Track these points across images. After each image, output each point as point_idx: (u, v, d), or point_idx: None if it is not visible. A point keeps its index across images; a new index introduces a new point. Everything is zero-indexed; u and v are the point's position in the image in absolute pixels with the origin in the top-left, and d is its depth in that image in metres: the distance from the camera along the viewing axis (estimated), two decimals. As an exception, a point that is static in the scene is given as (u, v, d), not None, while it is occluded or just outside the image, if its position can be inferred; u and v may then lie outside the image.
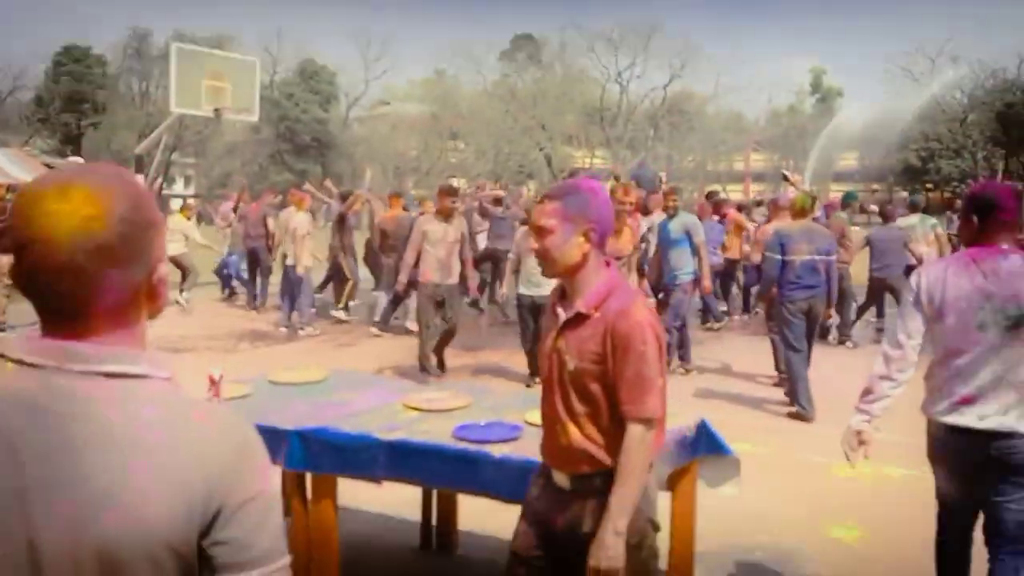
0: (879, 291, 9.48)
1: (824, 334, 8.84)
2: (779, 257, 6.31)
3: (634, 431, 2.05)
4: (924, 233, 9.81)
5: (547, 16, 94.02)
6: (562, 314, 2.17)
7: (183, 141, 44.88)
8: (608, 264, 2.19)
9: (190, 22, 73.25)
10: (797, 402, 6.21)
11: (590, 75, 47.70)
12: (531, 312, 6.72)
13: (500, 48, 51.10)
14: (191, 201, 14.82)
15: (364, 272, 11.20)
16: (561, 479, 2.23)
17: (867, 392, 2.94)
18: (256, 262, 12.26)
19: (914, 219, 10.07)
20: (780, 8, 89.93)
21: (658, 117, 45.47)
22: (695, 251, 7.58)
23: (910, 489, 4.62)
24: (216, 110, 14.42)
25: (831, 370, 7.27)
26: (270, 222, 11.97)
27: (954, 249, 9.51)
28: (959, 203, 11.36)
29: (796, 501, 4.45)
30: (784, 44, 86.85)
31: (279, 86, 49.72)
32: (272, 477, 1.15)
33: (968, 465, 2.76)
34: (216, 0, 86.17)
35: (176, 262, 12.19)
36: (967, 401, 2.70)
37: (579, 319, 2.12)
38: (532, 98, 45.48)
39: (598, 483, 2.13)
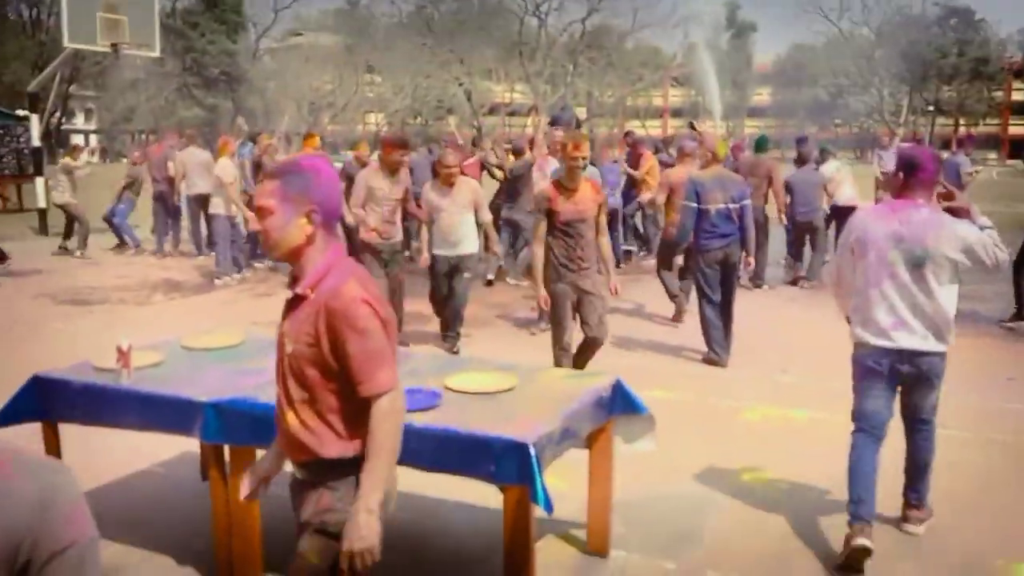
0: (802, 232, 9.76)
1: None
2: (695, 205, 6.40)
3: (377, 408, 1.99)
4: (846, 175, 10.15)
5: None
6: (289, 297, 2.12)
7: (81, 73, 42.51)
8: (337, 246, 2.12)
9: (82, -56, 68.58)
10: (710, 348, 6.40)
11: (508, 7, 46.81)
12: (446, 274, 6.59)
13: (415, -23, 49.52)
14: (79, 143, 14.00)
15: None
16: (293, 467, 2.20)
17: (841, 309, 3.68)
18: (164, 206, 11.89)
19: (834, 164, 10.39)
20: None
21: (577, 52, 45.06)
22: None
23: (816, 431, 4.87)
24: (113, 45, 13.66)
25: (742, 315, 7.49)
26: (170, 165, 11.60)
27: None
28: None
29: (709, 446, 4.62)
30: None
31: (182, 15, 47.29)
32: (88, 523, 1.09)
33: (888, 376, 3.42)
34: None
35: (64, 210, 11.70)
36: (890, 326, 3.35)
37: (298, 301, 2.07)
38: (449, 31, 44.46)
39: (315, 472, 2.10)
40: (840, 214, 9.88)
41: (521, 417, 2.85)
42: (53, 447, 3.39)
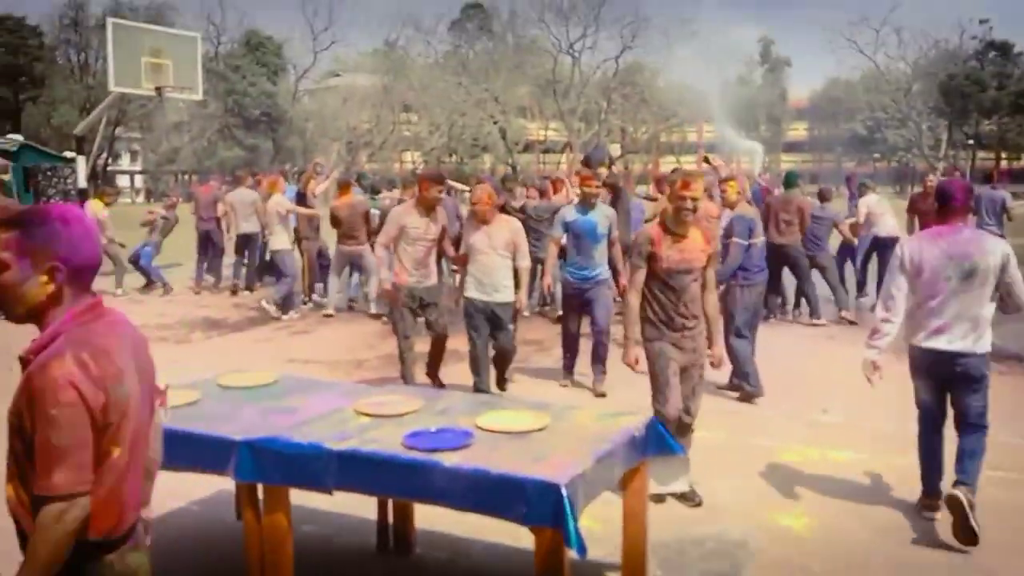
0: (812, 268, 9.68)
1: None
2: (746, 242, 6.37)
3: (43, 513, 1.70)
4: (886, 208, 10.34)
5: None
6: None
7: (127, 116, 43.73)
8: (77, 311, 1.82)
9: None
10: (748, 382, 6.32)
11: (542, 46, 47.41)
12: (484, 320, 5.97)
13: (450, 17, 50.52)
14: (106, 188, 14.25)
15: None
16: None
17: (874, 332, 4.11)
18: (209, 244, 12.19)
19: (874, 197, 10.54)
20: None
21: (611, 89, 45.45)
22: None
23: (856, 472, 4.76)
24: (157, 88, 14.04)
25: (780, 352, 7.41)
26: (219, 206, 11.92)
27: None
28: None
29: (745, 488, 4.54)
30: (732, 14, 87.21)
31: (224, 58, 48.59)
32: None
33: (939, 376, 4.03)
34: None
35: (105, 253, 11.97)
36: (939, 331, 3.94)
37: (24, 363, 1.80)
38: (484, 70, 45.15)
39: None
40: (882, 245, 9.88)
41: (553, 457, 2.82)
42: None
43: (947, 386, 4.06)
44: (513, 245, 5.96)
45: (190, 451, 3.16)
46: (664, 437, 3.33)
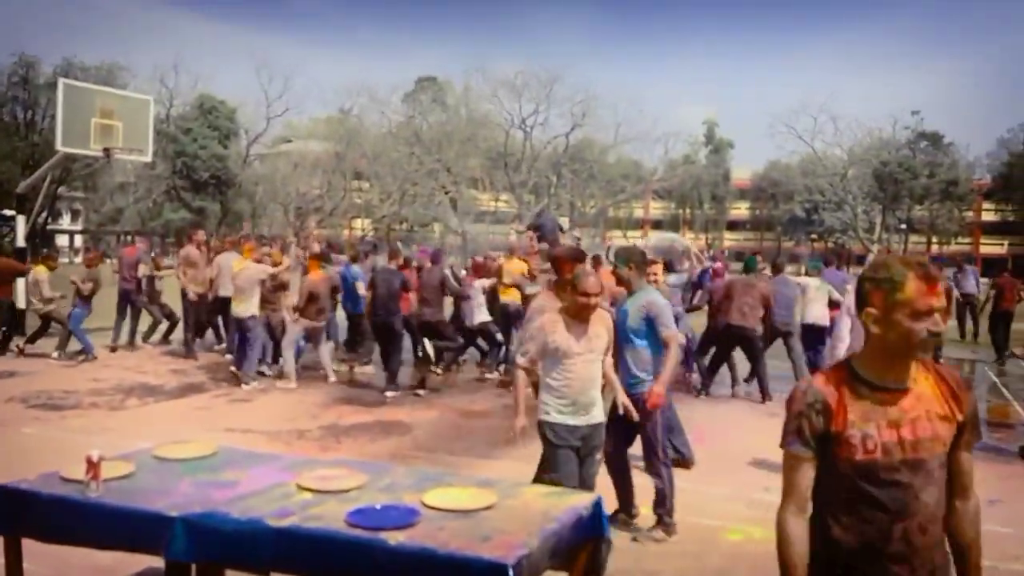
0: (774, 337, 9.81)
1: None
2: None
3: None
4: (820, 295, 10.14)
5: (450, 59, 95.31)
6: None
7: (71, 175, 42.99)
8: None
9: (81, 50, 70.71)
10: (678, 451, 6.33)
11: (494, 120, 48.31)
12: (572, 451, 4.38)
13: (404, 89, 51.28)
14: (51, 253, 14.02)
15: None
16: None
17: None
18: (128, 304, 12.24)
19: (815, 282, 10.32)
20: (675, 62, 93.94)
21: (560, 164, 46.36)
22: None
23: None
24: (106, 150, 13.88)
25: (718, 431, 7.48)
26: (141, 267, 12.21)
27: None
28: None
29: (691, 567, 4.51)
30: (679, 96, 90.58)
31: (175, 120, 48.40)
32: None
33: None
34: (109, 29, 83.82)
35: (47, 316, 11.62)
36: None
37: None
38: (437, 141, 45.70)
39: None
40: (808, 331, 9.94)
41: (500, 536, 2.78)
42: (14, 563, 3.26)
43: None
44: (608, 346, 4.46)
45: (121, 528, 3.05)
46: (604, 519, 3.31)
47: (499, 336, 10.73)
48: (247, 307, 9.77)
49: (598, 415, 4.41)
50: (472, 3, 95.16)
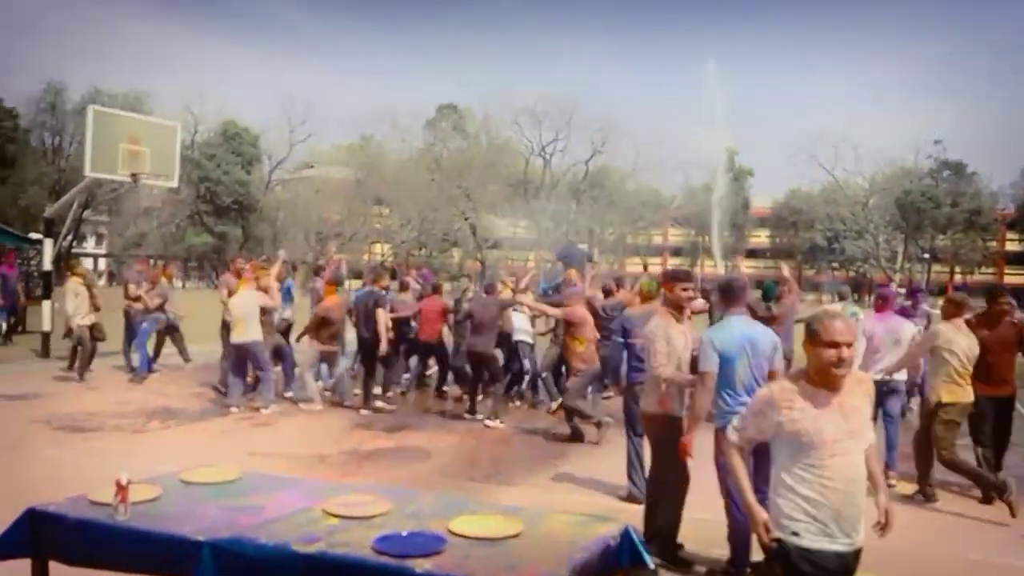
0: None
1: None
2: (621, 340, 6.43)
3: None
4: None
5: (470, 87, 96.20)
6: None
7: (96, 199, 43.61)
8: None
9: (108, 77, 72.08)
10: (636, 484, 6.25)
11: (514, 147, 48.64)
12: None
13: (425, 117, 51.78)
14: (83, 263, 14.24)
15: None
16: None
17: None
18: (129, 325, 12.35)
19: (838, 306, 10.27)
20: (694, 90, 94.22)
21: (580, 191, 46.53)
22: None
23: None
24: (133, 175, 14.09)
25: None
26: (131, 288, 12.25)
27: None
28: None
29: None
30: (699, 123, 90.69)
31: (200, 147, 49.08)
32: None
33: None
34: (136, 57, 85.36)
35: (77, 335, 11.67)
36: None
37: None
38: (457, 168, 46.06)
39: None
40: None
41: (527, 566, 2.75)
42: (40, 585, 3.27)
43: None
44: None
45: (149, 552, 3.05)
46: (638, 547, 3.27)
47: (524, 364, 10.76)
48: (247, 333, 9.58)
49: (861, 534, 3.06)
50: (492, 31, 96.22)
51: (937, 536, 5.70)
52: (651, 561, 3.27)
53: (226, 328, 11.64)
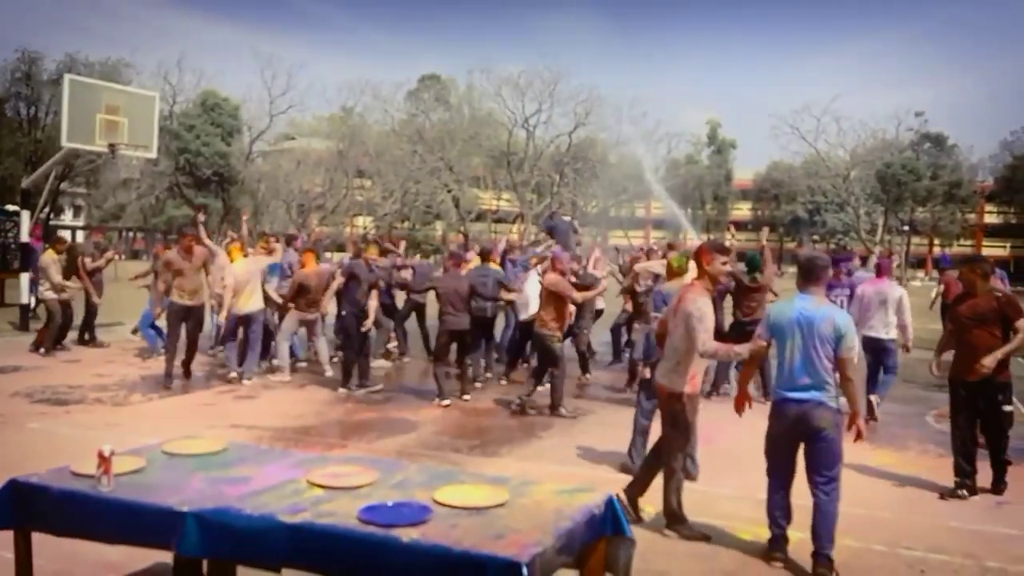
0: None
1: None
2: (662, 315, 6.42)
3: None
4: None
5: (453, 57, 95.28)
6: None
7: (74, 171, 42.92)
8: None
9: (84, 47, 70.75)
10: (631, 458, 6.35)
11: (497, 119, 48.28)
12: None
13: (407, 87, 51.22)
14: (62, 233, 14.04)
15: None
16: None
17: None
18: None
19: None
20: (678, 62, 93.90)
21: (563, 163, 46.33)
22: None
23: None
24: (111, 145, 13.88)
25: (721, 430, 7.43)
26: (87, 261, 12.10)
27: None
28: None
29: (700, 567, 4.50)
30: (682, 97, 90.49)
31: (179, 117, 48.32)
32: None
33: None
34: (113, 26, 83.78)
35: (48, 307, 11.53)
36: None
37: None
38: (440, 139, 45.69)
39: None
40: None
41: (513, 535, 2.77)
42: (24, 556, 3.26)
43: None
44: None
45: (132, 523, 3.04)
46: (620, 516, 3.30)
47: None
48: (251, 302, 9.71)
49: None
50: (476, 2, 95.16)
51: (917, 504, 5.78)
52: (630, 531, 3.30)
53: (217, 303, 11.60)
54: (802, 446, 4.59)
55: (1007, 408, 5.88)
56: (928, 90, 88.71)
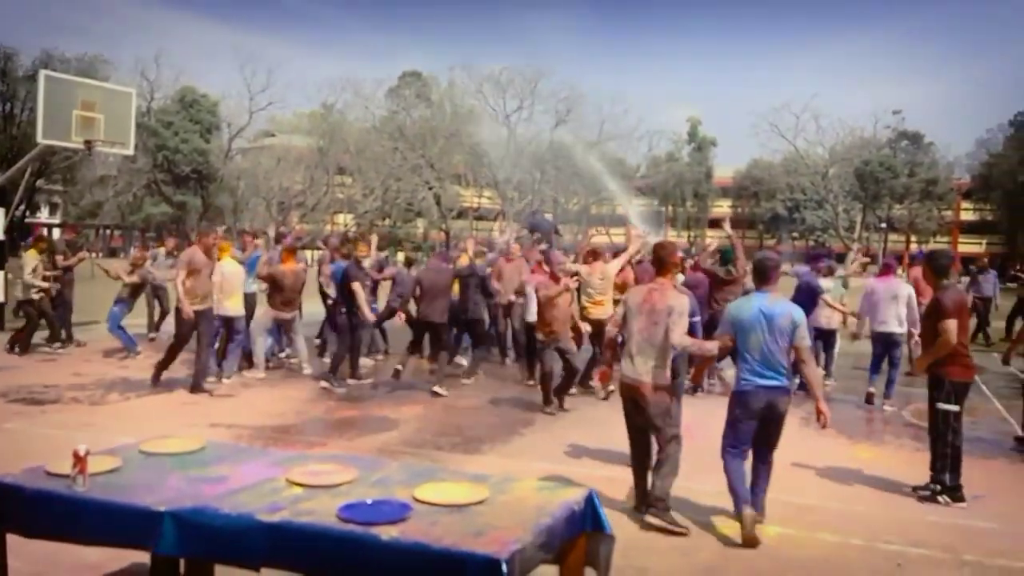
0: None
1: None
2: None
3: None
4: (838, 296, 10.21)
5: (435, 54, 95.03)
6: None
7: (50, 167, 42.45)
8: None
9: (62, 42, 69.93)
10: None
11: (478, 116, 48.23)
12: None
13: (388, 84, 51.07)
14: (45, 232, 13.84)
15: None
16: None
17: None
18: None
19: (830, 283, 10.27)
20: (659, 61, 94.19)
21: (544, 160, 46.37)
22: None
23: (785, 547, 4.78)
24: (87, 142, 13.69)
25: (710, 429, 7.47)
26: (58, 259, 11.95)
27: None
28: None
29: (680, 563, 4.52)
30: (663, 95, 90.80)
31: (156, 114, 47.91)
32: None
33: None
34: (90, 21, 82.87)
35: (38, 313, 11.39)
36: None
37: None
38: (421, 136, 45.59)
39: None
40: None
41: (493, 531, 2.76)
42: (-2, 557, 3.21)
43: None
44: None
45: (109, 523, 3.00)
46: (599, 513, 3.30)
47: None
48: (236, 305, 9.61)
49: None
50: (456, 0, 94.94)
51: (896, 499, 5.83)
52: (609, 527, 3.30)
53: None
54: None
55: (940, 406, 5.73)
56: (905, 88, 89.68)
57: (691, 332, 5.44)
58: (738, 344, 5.05)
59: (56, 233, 58.42)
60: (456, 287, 10.01)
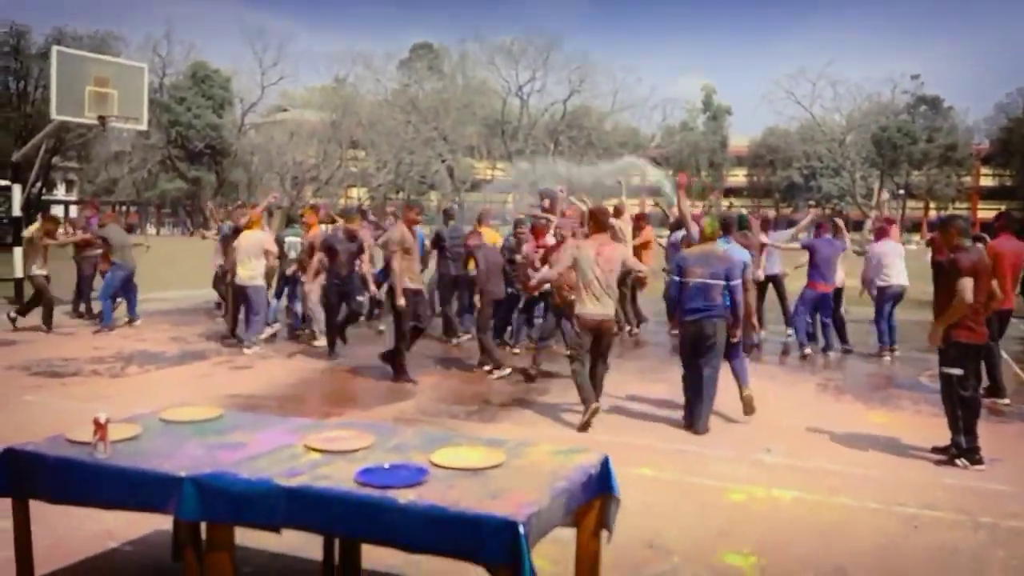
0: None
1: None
2: (677, 279, 6.57)
3: None
4: None
5: (446, 26, 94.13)
6: None
7: (65, 145, 42.60)
8: None
9: (73, 20, 69.73)
10: (684, 415, 6.70)
11: (491, 87, 47.96)
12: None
13: (399, 57, 50.81)
14: (55, 215, 13.90)
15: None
16: None
17: None
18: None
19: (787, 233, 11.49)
20: (673, 29, 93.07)
21: (558, 131, 46.11)
22: None
23: (801, 511, 4.81)
24: (101, 118, 13.74)
25: (724, 393, 7.49)
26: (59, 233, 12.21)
27: None
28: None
29: (695, 527, 4.54)
30: (678, 63, 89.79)
31: (169, 90, 47.94)
32: None
33: None
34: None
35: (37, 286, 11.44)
36: None
37: None
38: (434, 109, 45.43)
39: None
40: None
41: (510, 495, 2.78)
42: (22, 524, 3.27)
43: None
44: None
45: (130, 489, 3.05)
46: (612, 477, 3.32)
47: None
48: (253, 275, 9.74)
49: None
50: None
51: (911, 464, 5.83)
52: (618, 491, 3.32)
53: (219, 280, 11.60)
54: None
55: (943, 370, 5.73)
56: (924, 53, 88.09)
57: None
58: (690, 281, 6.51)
59: (74, 211, 58.91)
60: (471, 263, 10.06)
